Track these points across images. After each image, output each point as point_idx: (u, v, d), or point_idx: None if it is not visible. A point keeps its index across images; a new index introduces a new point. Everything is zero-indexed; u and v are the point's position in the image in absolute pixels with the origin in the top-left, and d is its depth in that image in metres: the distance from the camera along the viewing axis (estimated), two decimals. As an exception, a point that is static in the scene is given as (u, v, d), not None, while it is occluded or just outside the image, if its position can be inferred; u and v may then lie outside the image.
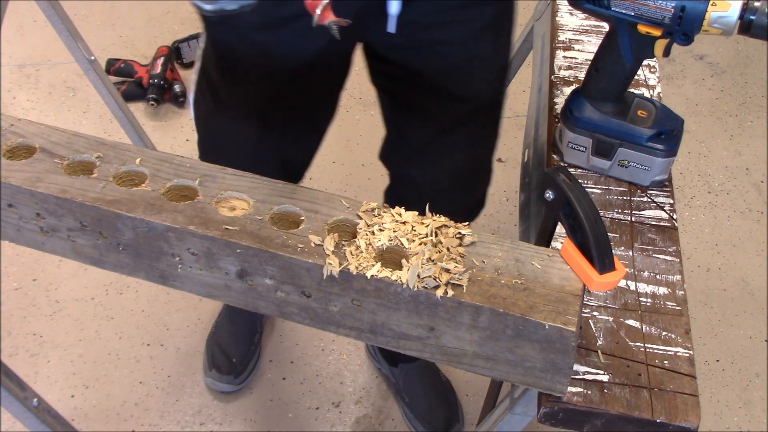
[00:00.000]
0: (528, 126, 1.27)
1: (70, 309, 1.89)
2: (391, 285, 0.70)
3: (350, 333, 0.76)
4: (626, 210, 0.99)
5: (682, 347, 0.83)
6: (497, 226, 2.16)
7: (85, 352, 1.81)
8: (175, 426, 1.70)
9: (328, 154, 2.28)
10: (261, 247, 0.72)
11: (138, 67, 2.46)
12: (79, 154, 0.80)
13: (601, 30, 1.27)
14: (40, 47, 2.59)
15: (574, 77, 1.17)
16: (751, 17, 0.83)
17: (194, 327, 1.88)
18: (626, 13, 0.89)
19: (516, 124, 2.47)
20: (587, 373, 0.80)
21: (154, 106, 2.40)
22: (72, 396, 1.73)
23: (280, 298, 0.76)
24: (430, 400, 1.72)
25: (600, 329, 0.84)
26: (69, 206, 0.76)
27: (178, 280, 0.79)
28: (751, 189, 2.33)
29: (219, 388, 1.73)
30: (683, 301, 0.88)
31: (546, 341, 0.69)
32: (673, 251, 0.94)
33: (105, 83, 1.85)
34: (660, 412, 0.77)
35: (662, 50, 0.91)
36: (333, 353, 1.86)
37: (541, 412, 0.78)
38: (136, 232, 0.75)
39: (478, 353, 0.72)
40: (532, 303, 0.69)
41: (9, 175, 0.77)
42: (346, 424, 1.73)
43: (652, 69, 1.18)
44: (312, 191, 0.78)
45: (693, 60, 2.78)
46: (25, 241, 0.82)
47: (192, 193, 0.77)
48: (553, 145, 1.06)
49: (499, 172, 2.32)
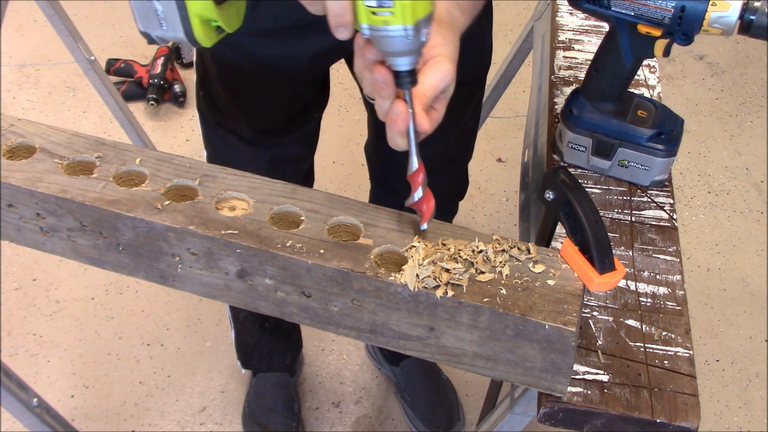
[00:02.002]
0: (528, 126, 1.27)
1: (70, 309, 1.89)
2: (390, 285, 0.70)
3: (350, 333, 0.76)
4: (626, 210, 0.99)
5: (682, 347, 0.83)
6: (497, 226, 2.16)
7: (85, 352, 1.81)
8: (175, 426, 1.70)
9: (328, 154, 2.28)
10: (261, 247, 0.72)
11: (138, 67, 2.46)
12: (79, 154, 0.80)
13: (601, 30, 1.27)
14: (40, 47, 2.59)
15: (574, 77, 1.17)
16: (751, 17, 0.83)
17: (194, 327, 1.88)
18: (626, 13, 0.89)
19: (516, 124, 2.47)
20: (587, 373, 0.80)
21: (154, 106, 2.40)
22: (72, 396, 1.73)
23: (280, 298, 0.76)
24: (431, 399, 1.72)
25: (600, 329, 0.84)
26: (69, 206, 0.76)
27: (178, 280, 0.79)
28: (751, 189, 2.33)
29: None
30: (683, 301, 0.88)
31: (546, 341, 0.69)
32: (673, 251, 0.94)
33: (105, 83, 1.85)
34: (660, 412, 0.77)
35: (662, 50, 0.91)
36: (333, 353, 1.86)
37: (541, 412, 0.78)
38: (136, 232, 0.75)
39: (478, 353, 0.72)
40: (532, 303, 0.69)
41: (9, 175, 0.77)
42: (346, 424, 1.73)
43: (652, 69, 1.18)
44: (312, 191, 0.78)
45: (693, 60, 2.78)
46: (25, 241, 0.82)
47: (192, 193, 0.77)
48: (553, 145, 1.06)
49: (499, 172, 2.32)
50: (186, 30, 0.69)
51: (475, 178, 2.28)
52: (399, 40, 0.66)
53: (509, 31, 2.75)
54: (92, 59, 1.79)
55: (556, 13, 1.31)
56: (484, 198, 2.22)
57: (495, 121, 2.43)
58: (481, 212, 2.19)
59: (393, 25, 0.65)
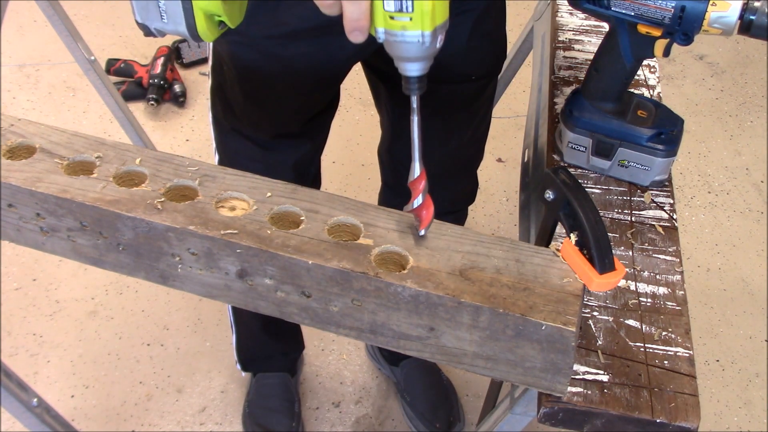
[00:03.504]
0: (528, 126, 1.28)
1: (70, 309, 1.89)
2: (390, 285, 0.70)
3: (350, 333, 0.76)
4: (626, 210, 0.99)
5: (682, 347, 0.83)
6: (497, 226, 2.16)
7: (85, 352, 1.81)
8: (175, 426, 1.70)
9: (328, 154, 2.27)
10: (261, 247, 0.72)
11: (138, 67, 2.46)
12: (79, 154, 0.80)
13: (601, 30, 1.27)
14: (40, 47, 2.59)
15: (574, 77, 1.17)
16: (751, 17, 0.83)
17: (194, 327, 1.88)
18: (626, 13, 0.89)
19: (516, 124, 2.47)
20: (587, 373, 0.80)
21: (154, 106, 2.40)
22: (72, 396, 1.73)
23: (280, 298, 0.76)
24: (431, 399, 1.72)
25: (600, 329, 0.84)
26: (69, 206, 0.76)
27: (179, 280, 0.79)
28: (751, 189, 2.33)
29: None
30: (683, 301, 0.88)
31: (546, 341, 0.69)
32: (673, 251, 0.94)
33: (105, 83, 1.85)
34: (660, 412, 0.77)
35: (662, 50, 0.91)
36: (333, 353, 1.86)
37: (541, 412, 0.78)
38: (136, 232, 0.75)
39: (478, 353, 0.72)
40: (532, 303, 0.69)
41: (9, 175, 0.77)
42: (346, 424, 1.73)
43: (652, 69, 1.18)
44: (312, 191, 0.78)
45: (693, 60, 2.78)
46: (25, 241, 0.82)
47: (192, 193, 0.77)
48: (553, 145, 1.06)
49: (499, 172, 2.32)
50: (189, 24, 0.68)
51: (475, 178, 2.28)
52: (414, 47, 0.65)
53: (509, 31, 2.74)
54: (92, 59, 1.79)
55: (556, 13, 1.31)
56: (484, 198, 2.22)
57: (495, 121, 2.42)
58: (481, 212, 2.19)
59: (411, 30, 0.63)
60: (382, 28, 0.65)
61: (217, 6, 0.68)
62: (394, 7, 0.62)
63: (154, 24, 0.69)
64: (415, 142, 0.70)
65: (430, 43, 0.65)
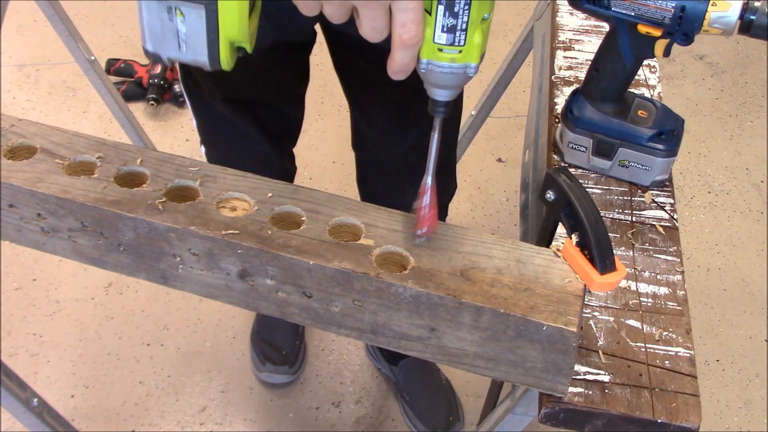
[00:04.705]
0: (528, 126, 1.27)
1: (70, 309, 1.89)
2: (392, 285, 0.70)
3: (351, 333, 0.76)
4: (627, 210, 0.99)
5: (682, 347, 0.83)
6: (497, 226, 2.16)
7: (85, 352, 1.81)
8: (175, 426, 1.70)
9: (328, 154, 2.28)
10: (262, 248, 0.72)
11: (138, 67, 2.46)
12: (80, 155, 0.80)
13: (601, 30, 1.27)
14: (40, 47, 2.59)
15: (574, 77, 1.17)
16: (751, 17, 0.83)
17: (194, 327, 1.88)
18: (626, 13, 0.89)
19: (516, 124, 2.47)
20: (588, 374, 0.80)
21: (154, 106, 2.40)
22: (72, 396, 1.73)
23: (281, 299, 0.76)
24: (430, 399, 1.72)
25: (601, 329, 0.84)
26: (70, 206, 0.76)
27: (179, 281, 0.79)
28: (751, 189, 2.33)
29: (276, 380, 1.76)
30: (684, 301, 0.88)
31: (547, 342, 0.69)
32: (674, 251, 0.94)
33: (105, 83, 1.85)
34: (661, 412, 0.77)
35: (662, 50, 0.91)
36: (333, 353, 1.86)
37: (542, 413, 0.78)
38: (137, 232, 0.75)
39: (479, 353, 0.72)
40: (533, 303, 0.69)
41: (10, 175, 0.77)
42: (346, 424, 1.73)
43: (652, 69, 1.18)
44: (313, 191, 0.78)
45: (693, 60, 2.78)
46: (25, 241, 0.82)
47: (193, 193, 0.77)
48: (553, 146, 1.06)
49: (499, 172, 2.32)
50: (212, 55, 0.63)
51: (475, 178, 2.28)
52: (459, 77, 0.63)
53: (509, 31, 2.75)
54: (92, 59, 1.79)
55: (556, 13, 1.31)
56: (484, 198, 2.22)
57: (495, 121, 2.43)
58: (481, 212, 2.19)
59: (459, 63, 0.61)
60: (427, 60, 0.62)
61: (243, 34, 0.63)
62: (446, 40, 0.60)
63: (169, 53, 0.63)
64: (432, 158, 0.69)
65: (474, 73, 0.63)
